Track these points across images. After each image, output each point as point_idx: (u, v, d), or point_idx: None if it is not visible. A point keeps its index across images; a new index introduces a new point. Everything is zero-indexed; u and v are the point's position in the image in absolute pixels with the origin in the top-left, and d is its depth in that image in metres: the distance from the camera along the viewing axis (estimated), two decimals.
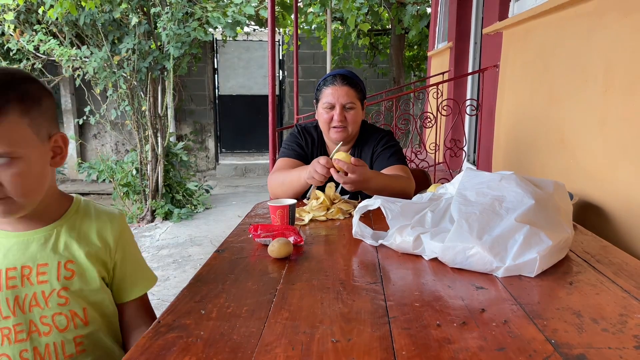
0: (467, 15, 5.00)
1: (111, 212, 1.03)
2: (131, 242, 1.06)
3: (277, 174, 1.81)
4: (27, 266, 0.93)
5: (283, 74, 8.99)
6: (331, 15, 7.28)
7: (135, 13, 4.84)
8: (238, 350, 0.76)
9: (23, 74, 0.90)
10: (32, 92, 0.88)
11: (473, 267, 1.07)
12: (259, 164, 8.38)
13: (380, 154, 1.86)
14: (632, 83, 1.76)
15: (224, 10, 5.19)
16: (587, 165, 2.07)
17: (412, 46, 9.45)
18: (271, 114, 3.51)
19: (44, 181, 0.91)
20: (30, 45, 5.03)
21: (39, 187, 0.90)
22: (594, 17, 2.09)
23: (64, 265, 0.94)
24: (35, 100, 0.87)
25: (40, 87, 0.91)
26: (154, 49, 5.05)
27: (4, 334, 0.92)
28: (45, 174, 0.91)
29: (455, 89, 4.96)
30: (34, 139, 0.87)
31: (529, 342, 0.77)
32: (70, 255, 0.95)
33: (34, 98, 0.87)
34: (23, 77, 0.89)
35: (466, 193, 1.20)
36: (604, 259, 1.17)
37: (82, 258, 0.95)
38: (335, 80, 1.82)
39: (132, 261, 1.05)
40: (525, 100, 2.90)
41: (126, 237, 1.04)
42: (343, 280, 1.04)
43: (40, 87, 0.91)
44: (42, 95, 0.90)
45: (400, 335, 0.79)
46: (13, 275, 0.92)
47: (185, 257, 4.08)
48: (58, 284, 0.93)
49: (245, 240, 1.33)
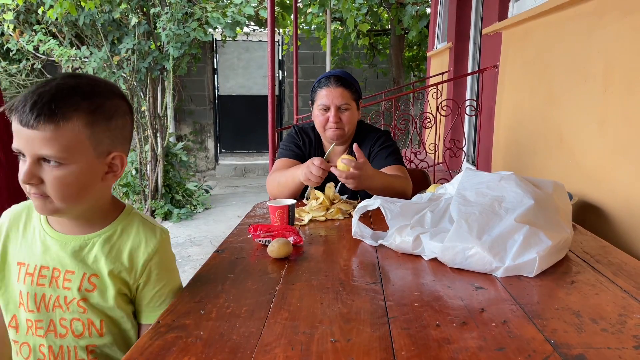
0: (467, 15, 5.00)
1: (151, 231, 0.97)
2: (163, 266, 0.98)
3: (274, 175, 1.81)
4: (57, 269, 0.94)
5: (282, 74, 8.99)
6: (331, 15, 7.29)
7: (135, 13, 4.85)
8: (237, 351, 0.76)
9: (109, 88, 0.91)
10: (106, 108, 0.88)
11: (472, 267, 1.07)
12: (259, 164, 8.37)
13: (377, 153, 1.86)
14: (632, 83, 1.76)
15: (223, 10, 5.19)
16: (586, 166, 2.07)
17: (411, 46, 9.46)
18: (271, 114, 3.51)
19: (87, 192, 0.91)
20: (30, 46, 5.03)
21: (80, 197, 0.90)
22: (593, 17, 2.09)
23: (88, 278, 0.94)
24: (106, 117, 0.88)
25: (119, 104, 0.91)
26: (154, 49, 5.05)
27: (28, 325, 0.96)
28: (90, 185, 0.90)
29: (455, 89, 4.96)
30: (89, 151, 0.87)
31: (528, 342, 0.77)
32: (97, 269, 0.94)
33: (105, 114, 0.88)
34: (107, 90, 0.90)
35: (466, 193, 1.20)
36: (603, 259, 1.17)
37: (106, 275, 0.94)
38: (329, 82, 1.82)
39: (156, 287, 0.97)
40: (525, 100, 2.90)
41: (158, 261, 0.96)
42: (342, 280, 1.04)
43: (118, 105, 0.91)
44: (115, 113, 0.90)
45: (399, 336, 0.79)
46: (45, 274, 0.94)
47: (185, 257, 4.08)
48: (78, 294, 0.93)
49: (244, 241, 1.33)
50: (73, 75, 0.91)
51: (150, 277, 0.96)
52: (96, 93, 0.88)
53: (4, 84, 5.71)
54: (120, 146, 0.92)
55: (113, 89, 0.93)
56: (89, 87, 0.88)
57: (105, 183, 0.93)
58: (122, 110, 0.91)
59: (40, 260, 0.95)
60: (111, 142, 0.90)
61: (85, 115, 0.85)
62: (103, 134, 0.88)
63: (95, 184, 0.91)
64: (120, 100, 0.92)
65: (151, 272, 0.96)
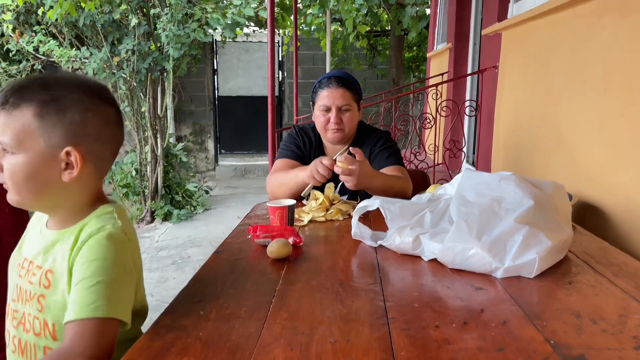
0: (467, 16, 5.00)
1: (95, 228, 0.90)
2: (85, 261, 0.86)
3: (275, 175, 1.81)
4: (32, 262, 0.95)
5: (282, 75, 9.00)
6: (330, 16, 7.29)
7: (135, 14, 4.85)
8: (237, 351, 0.75)
9: (76, 83, 0.90)
10: (61, 101, 0.87)
11: (472, 268, 1.07)
12: (259, 165, 8.37)
13: (378, 154, 1.86)
14: (631, 84, 1.76)
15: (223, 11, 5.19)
16: (586, 166, 2.07)
17: (411, 47, 9.46)
18: (270, 115, 3.51)
19: (41, 185, 0.89)
20: (30, 46, 5.03)
21: (33, 188, 0.89)
22: (592, 18, 2.09)
23: (45, 273, 0.92)
24: (59, 109, 0.87)
25: (81, 100, 0.89)
26: (154, 50, 5.05)
27: (13, 315, 0.97)
28: (43, 178, 0.89)
29: (455, 90, 4.96)
30: (39, 143, 0.87)
31: (528, 343, 0.77)
32: (54, 265, 0.92)
33: (59, 107, 0.87)
34: (71, 85, 0.89)
35: (465, 194, 1.20)
36: (603, 260, 1.17)
37: (59, 272, 0.90)
38: (330, 83, 1.82)
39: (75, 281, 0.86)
40: (525, 101, 2.91)
41: (82, 255, 0.87)
42: (342, 281, 1.04)
43: (79, 100, 0.89)
44: (71, 108, 0.88)
45: (399, 336, 0.79)
46: (25, 266, 0.96)
47: (185, 258, 4.08)
48: (38, 289, 0.92)
49: (244, 241, 1.33)
50: (47, 72, 0.92)
51: (74, 271, 0.88)
52: (55, 87, 0.88)
53: (4, 84, 5.71)
54: (78, 142, 0.88)
55: (84, 85, 0.91)
56: (51, 81, 0.88)
57: (71, 181, 0.90)
58: (83, 106, 0.89)
59: (28, 253, 0.97)
60: (65, 137, 0.87)
61: (35, 105, 0.86)
62: (55, 127, 0.87)
63: (50, 178, 0.89)
64: (85, 97, 0.89)
65: (74, 266, 0.88)
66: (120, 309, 0.85)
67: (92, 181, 0.95)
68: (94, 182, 0.95)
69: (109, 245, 0.87)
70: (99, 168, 0.94)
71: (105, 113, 0.92)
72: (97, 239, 0.88)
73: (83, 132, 0.89)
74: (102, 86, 0.95)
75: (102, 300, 0.83)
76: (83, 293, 0.83)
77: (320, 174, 1.58)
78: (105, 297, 0.83)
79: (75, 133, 0.88)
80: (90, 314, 0.81)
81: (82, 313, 0.82)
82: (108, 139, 0.94)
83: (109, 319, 0.83)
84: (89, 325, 0.81)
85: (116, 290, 0.86)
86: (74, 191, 0.93)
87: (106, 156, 0.95)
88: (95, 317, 0.81)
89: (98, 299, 0.83)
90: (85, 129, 0.89)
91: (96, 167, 0.93)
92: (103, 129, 0.92)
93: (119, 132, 0.96)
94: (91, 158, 0.91)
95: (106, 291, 0.84)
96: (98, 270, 0.85)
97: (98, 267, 0.85)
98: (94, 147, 0.91)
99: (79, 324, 0.82)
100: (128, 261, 0.90)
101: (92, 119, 0.90)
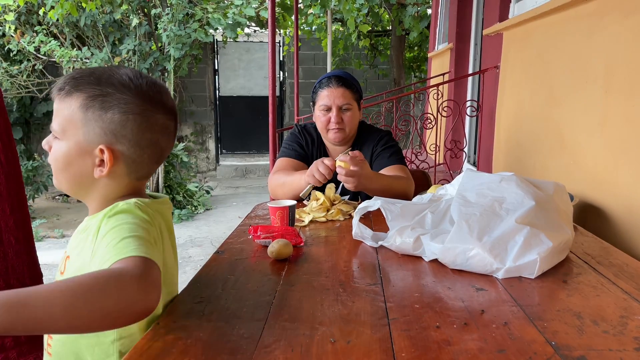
0: (468, 16, 5.00)
1: (110, 208, 0.88)
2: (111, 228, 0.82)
3: (278, 175, 1.80)
4: (67, 255, 0.96)
5: (283, 75, 9.00)
6: (331, 16, 7.29)
7: (136, 14, 4.85)
8: (237, 352, 0.75)
9: (131, 83, 0.88)
10: (107, 99, 0.87)
11: (473, 269, 1.06)
12: (260, 165, 8.38)
13: (379, 154, 1.86)
14: (633, 84, 1.76)
15: (224, 11, 5.19)
16: (587, 167, 2.07)
17: (412, 47, 9.46)
18: (271, 115, 3.51)
19: (74, 174, 0.91)
20: (31, 47, 5.04)
21: (67, 176, 0.92)
22: (594, 18, 2.09)
23: (65, 259, 0.94)
24: (103, 107, 0.87)
25: (127, 101, 0.87)
26: (155, 50, 5.05)
27: None
28: (77, 169, 0.90)
29: (456, 90, 4.96)
30: (79, 134, 0.88)
31: (529, 344, 0.77)
32: (69, 251, 0.95)
33: (103, 104, 0.87)
34: (122, 85, 0.88)
35: (466, 194, 1.20)
36: (604, 261, 1.16)
37: (75, 255, 0.92)
38: (330, 82, 1.82)
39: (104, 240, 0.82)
40: (526, 101, 2.90)
41: (104, 230, 0.83)
42: (343, 281, 1.03)
43: (125, 101, 0.87)
44: (115, 107, 0.87)
45: (400, 337, 0.79)
46: (63, 261, 0.96)
47: (186, 258, 4.08)
48: (60, 276, 0.94)
49: (245, 242, 1.32)
50: (119, 67, 0.92)
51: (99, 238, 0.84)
52: (108, 83, 0.87)
53: (5, 85, 5.72)
54: (113, 142, 0.88)
55: (138, 87, 0.89)
56: (106, 76, 0.88)
57: (101, 177, 0.90)
58: (126, 107, 0.88)
59: (68, 247, 0.99)
60: (102, 134, 0.88)
61: (83, 97, 0.87)
62: (95, 122, 0.87)
63: (84, 170, 0.90)
64: (132, 99, 0.88)
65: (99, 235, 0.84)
66: (156, 256, 0.77)
67: (125, 180, 0.93)
68: (127, 181, 0.94)
69: (123, 215, 0.84)
70: (132, 170, 0.92)
71: (148, 118, 0.90)
72: (110, 215, 0.84)
73: (121, 133, 0.88)
74: (158, 91, 0.92)
75: (134, 245, 0.76)
76: (112, 247, 0.77)
77: (321, 173, 1.58)
78: (137, 244, 0.76)
79: (113, 132, 0.88)
80: (129, 254, 0.74)
81: (117, 255, 0.74)
82: (147, 144, 0.91)
83: (148, 258, 0.74)
84: (132, 260, 0.73)
85: (147, 243, 0.79)
86: (105, 186, 0.93)
87: (143, 160, 0.92)
88: (135, 255, 0.74)
89: (130, 244, 0.76)
90: (123, 130, 0.88)
91: (130, 168, 0.92)
92: (143, 133, 0.90)
93: (162, 139, 0.93)
94: (125, 159, 0.90)
95: (136, 241, 0.77)
96: (120, 231, 0.79)
97: (120, 229, 0.80)
98: (130, 150, 0.90)
99: (119, 262, 0.73)
100: (150, 228, 0.84)
101: (132, 122, 0.88)
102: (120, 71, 0.90)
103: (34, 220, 5.37)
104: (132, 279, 0.70)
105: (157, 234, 0.88)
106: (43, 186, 5.80)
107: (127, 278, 0.69)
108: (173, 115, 0.95)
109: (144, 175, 0.96)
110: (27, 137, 7.23)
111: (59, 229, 5.24)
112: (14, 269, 1.17)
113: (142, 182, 0.98)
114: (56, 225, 5.49)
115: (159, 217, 0.94)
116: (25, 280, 1.19)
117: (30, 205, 5.99)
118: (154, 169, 0.98)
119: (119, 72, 0.90)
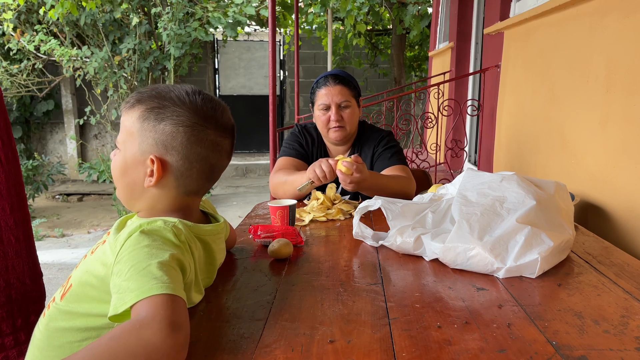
0: (469, 15, 5.00)
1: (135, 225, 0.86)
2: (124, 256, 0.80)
3: (279, 174, 1.80)
4: (104, 240, 0.98)
5: (284, 74, 9.00)
6: (332, 15, 7.28)
7: (136, 13, 4.85)
8: (237, 352, 0.75)
9: (188, 97, 0.91)
10: (162, 111, 0.89)
11: (474, 268, 1.06)
12: (260, 164, 8.38)
13: (381, 154, 1.85)
14: (634, 83, 1.76)
15: (224, 10, 5.19)
16: (588, 166, 2.07)
17: (413, 46, 9.45)
18: (272, 114, 3.51)
19: (128, 184, 0.94)
20: (31, 46, 5.04)
21: (122, 185, 0.96)
22: (595, 17, 2.09)
23: (102, 243, 0.96)
24: (158, 118, 0.89)
25: (178, 114, 0.89)
26: (155, 49, 5.05)
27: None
28: (131, 179, 0.93)
29: (457, 89, 4.95)
30: (135, 145, 0.91)
31: (530, 344, 0.77)
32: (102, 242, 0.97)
33: (159, 116, 0.90)
34: (178, 98, 0.91)
35: (467, 194, 1.20)
36: (605, 260, 1.16)
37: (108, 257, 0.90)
38: (327, 81, 1.83)
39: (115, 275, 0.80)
40: (527, 100, 2.90)
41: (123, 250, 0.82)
42: (343, 281, 1.03)
43: (177, 115, 0.89)
44: (168, 119, 0.89)
45: (400, 337, 0.79)
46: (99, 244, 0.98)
47: None
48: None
49: (245, 241, 1.32)
50: (182, 85, 0.95)
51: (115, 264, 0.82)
52: (165, 97, 0.91)
53: (5, 84, 5.72)
54: (163, 153, 0.90)
55: (193, 102, 0.91)
56: (166, 91, 0.92)
57: (150, 187, 0.92)
58: (178, 120, 0.89)
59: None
60: (154, 145, 0.90)
61: (142, 110, 0.90)
62: (149, 133, 0.90)
63: (136, 180, 0.92)
64: (186, 112, 0.90)
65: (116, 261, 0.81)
66: (178, 286, 0.74)
67: (173, 193, 0.94)
68: (176, 194, 0.94)
69: (141, 237, 0.81)
70: (181, 183, 0.93)
71: (199, 132, 0.91)
72: (132, 234, 0.82)
73: (171, 145, 0.90)
74: (212, 108, 0.94)
75: (155, 278, 0.73)
76: (132, 280, 0.74)
77: (322, 170, 1.57)
78: (158, 275, 0.73)
79: (164, 143, 0.90)
80: (148, 293, 0.71)
81: (137, 295, 0.71)
82: (196, 158, 0.91)
83: (169, 295, 0.71)
84: (153, 304, 0.70)
85: (168, 271, 0.75)
86: (153, 197, 0.94)
87: (192, 174, 0.92)
88: (155, 294, 0.71)
89: (149, 279, 0.73)
90: (173, 141, 0.90)
91: (178, 181, 0.92)
92: (193, 147, 0.90)
93: (212, 155, 0.93)
94: (173, 171, 0.91)
95: (157, 271, 0.74)
96: (143, 256, 0.77)
97: (143, 252, 0.78)
98: (179, 162, 0.91)
99: (137, 306, 0.70)
100: (174, 252, 0.81)
101: (182, 134, 0.90)
102: (180, 87, 0.94)
103: (34, 219, 5.37)
104: (154, 334, 0.66)
105: (185, 259, 0.84)
106: (43, 185, 5.81)
107: (149, 333, 0.66)
108: (227, 134, 0.97)
109: (194, 190, 0.96)
110: (27, 136, 7.24)
111: (59, 228, 5.24)
112: (14, 268, 1.17)
113: (193, 199, 0.98)
114: (56, 225, 5.49)
115: (195, 243, 0.91)
116: (25, 280, 1.19)
117: (30, 204, 5.99)
118: (205, 187, 0.98)
119: (179, 88, 0.93)
